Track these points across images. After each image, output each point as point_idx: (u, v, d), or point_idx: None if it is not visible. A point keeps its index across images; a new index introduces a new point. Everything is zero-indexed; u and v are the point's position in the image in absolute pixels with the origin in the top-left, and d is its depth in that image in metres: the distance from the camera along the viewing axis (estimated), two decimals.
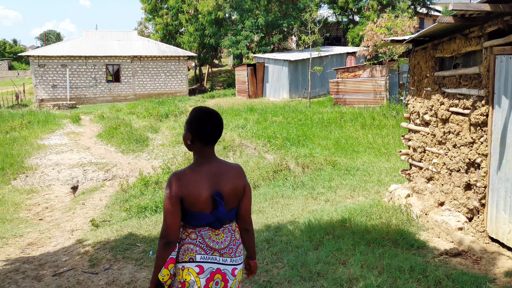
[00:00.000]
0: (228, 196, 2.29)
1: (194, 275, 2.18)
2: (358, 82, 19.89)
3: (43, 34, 76.78)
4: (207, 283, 2.19)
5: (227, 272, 2.25)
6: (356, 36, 29.32)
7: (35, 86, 28.59)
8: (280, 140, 12.88)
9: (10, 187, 9.82)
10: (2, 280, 4.53)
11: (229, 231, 2.31)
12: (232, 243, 2.31)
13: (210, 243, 2.24)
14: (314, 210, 6.47)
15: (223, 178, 2.29)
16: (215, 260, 2.22)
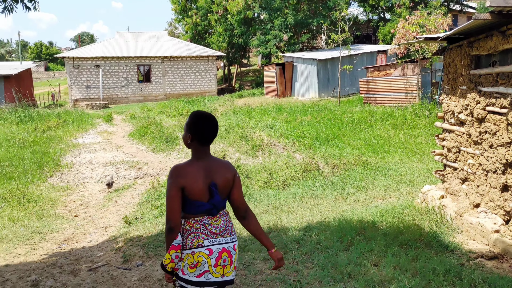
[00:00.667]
0: (221, 187, 2.66)
1: (206, 256, 2.55)
2: (389, 80, 19.54)
3: (78, 36, 79.05)
4: (217, 262, 2.58)
5: (231, 248, 2.64)
6: (387, 34, 28.81)
7: (70, 87, 29.46)
8: (309, 140, 12.82)
9: (47, 184, 10.15)
10: (40, 274, 4.69)
11: (224, 216, 2.69)
12: (228, 225, 2.68)
13: (212, 228, 2.60)
14: (344, 210, 6.40)
15: (216, 172, 2.65)
16: (219, 242, 2.60)
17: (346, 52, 22.77)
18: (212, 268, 2.55)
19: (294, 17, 29.21)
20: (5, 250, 5.60)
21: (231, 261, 2.63)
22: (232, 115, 18.95)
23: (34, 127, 17.11)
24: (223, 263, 2.59)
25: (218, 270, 2.58)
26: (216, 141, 14.45)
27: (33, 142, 14.11)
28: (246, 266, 4.54)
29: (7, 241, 5.95)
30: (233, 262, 2.65)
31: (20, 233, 6.38)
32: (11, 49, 72.63)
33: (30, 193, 8.86)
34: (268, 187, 8.56)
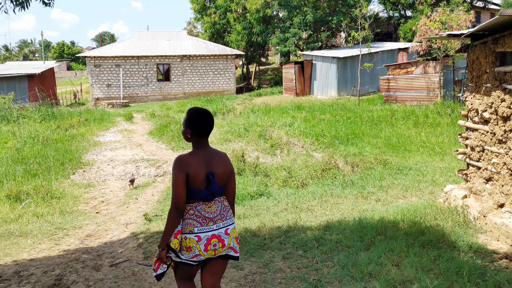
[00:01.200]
0: (219, 176, 2.93)
1: (194, 242, 2.83)
2: (410, 78, 19.27)
3: (99, 36, 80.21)
4: (206, 247, 2.84)
5: (221, 233, 2.88)
6: (408, 31, 28.41)
7: (91, 86, 29.95)
8: (328, 139, 12.74)
9: (69, 181, 10.34)
10: (64, 269, 4.78)
11: (219, 202, 2.95)
12: (223, 210, 2.94)
13: (205, 214, 2.86)
14: (364, 209, 6.34)
15: (214, 162, 2.93)
16: (209, 229, 2.85)
17: (366, 50, 22.54)
18: (202, 252, 2.84)
19: (314, 14, 29.04)
20: (30, 245, 5.73)
21: (222, 245, 2.88)
22: (251, 113, 18.97)
23: (57, 125, 17.46)
24: (213, 247, 2.85)
25: (209, 253, 2.87)
26: (235, 140, 14.49)
27: (56, 140, 14.40)
28: (266, 264, 4.54)
29: (32, 236, 6.09)
30: (225, 245, 2.89)
31: (44, 228, 6.52)
32: (35, 49, 74.18)
33: (53, 189, 9.04)
34: (287, 186, 8.54)
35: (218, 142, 14.55)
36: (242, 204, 7.28)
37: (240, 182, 8.76)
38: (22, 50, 70.78)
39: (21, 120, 18.64)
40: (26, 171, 10.53)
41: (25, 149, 12.86)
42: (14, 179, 9.86)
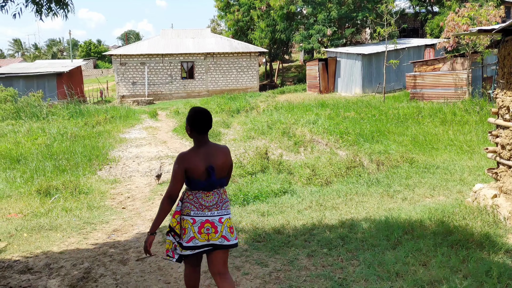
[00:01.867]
0: (218, 169, 3.22)
1: (190, 224, 3.18)
2: (438, 75, 18.86)
3: (124, 34, 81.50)
4: (199, 230, 3.17)
5: (215, 220, 3.19)
6: (435, 27, 27.77)
7: (117, 83, 30.48)
8: (353, 136, 12.61)
9: (96, 177, 10.55)
10: (92, 262, 4.89)
11: (217, 194, 3.26)
12: (220, 201, 3.26)
13: (202, 202, 3.20)
14: (390, 208, 6.25)
15: (214, 156, 3.23)
16: (204, 215, 3.18)
17: (392, 46, 22.17)
18: (196, 234, 3.17)
19: (338, 11, 28.74)
20: (59, 238, 5.88)
21: (215, 230, 3.18)
22: (274, 111, 18.94)
23: (84, 122, 17.85)
24: (206, 231, 3.17)
25: (202, 236, 3.18)
26: (258, 137, 14.51)
27: (83, 137, 14.72)
28: (290, 262, 4.54)
29: (61, 230, 6.24)
30: (218, 232, 3.19)
31: (72, 223, 6.68)
32: (63, 48, 75.98)
33: (81, 185, 9.24)
34: (311, 184, 8.49)
35: (241, 139, 14.59)
36: (266, 201, 7.28)
37: (264, 179, 8.76)
38: (51, 49, 72.58)
39: (50, 117, 19.14)
40: (55, 167, 10.81)
41: (54, 145, 13.20)
42: (44, 175, 10.13)
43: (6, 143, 13.40)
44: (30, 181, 9.61)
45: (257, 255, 4.78)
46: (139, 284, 4.27)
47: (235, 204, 7.32)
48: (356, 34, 33.80)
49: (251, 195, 7.55)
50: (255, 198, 7.46)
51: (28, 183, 9.49)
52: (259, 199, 7.40)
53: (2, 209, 7.69)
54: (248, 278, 4.22)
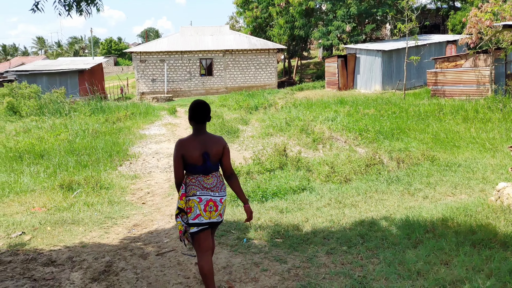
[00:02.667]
0: (213, 155, 3.61)
1: (196, 203, 3.57)
2: (459, 72, 18.50)
3: (144, 32, 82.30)
4: (205, 207, 3.57)
5: (217, 200, 3.62)
6: (457, 23, 27.28)
7: (137, 80, 30.82)
8: (372, 133, 12.47)
9: (117, 172, 10.69)
10: (113, 256, 4.96)
11: (215, 177, 3.67)
12: (218, 183, 3.66)
13: (204, 184, 3.60)
14: (411, 206, 6.17)
15: (209, 144, 3.61)
16: (208, 194, 3.59)
17: (413, 42, 21.84)
18: (202, 212, 3.56)
19: (358, 7, 28.44)
20: (81, 232, 5.98)
21: (216, 209, 3.61)
22: (293, 108, 18.88)
23: (105, 118, 18.11)
24: (209, 209, 3.59)
25: (206, 214, 3.58)
26: (276, 134, 14.48)
27: (104, 133, 14.93)
28: (309, 259, 4.52)
29: (83, 224, 6.35)
30: (218, 210, 3.63)
31: (94, 217, 6.79)
32: (84, 45, 77.19)
33: (102, 180, 9.38)
34: (330, 181, 8.44)
35: (260, 136, 14.59)
36: (284, 198, 7.27)
37: (282, 176, 8.74)
38: (73, 47, 73.84)
39: (72, 113, 19.48)
40: (77, 162, 11.00)
41: (76, 141, 13.43)
42: (66, 170, 10.32)
43: (30, 139, 13.69)
44: (53, 176, 9.80)
45: (276, 252, 4.78)
46: (159, 279, 4.32)
47: (253, 200, 7.33)
48: (376, 30, 33.40)
49: (270, 192, 7.55)
50: (273, 195, 7.45)
51: (51, 177, 9.68)
52: (278, 196, 7.40)
53: (27, 203, 7.86)
54: (267, 275, 4.22)
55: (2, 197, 8.11)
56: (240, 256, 4.74)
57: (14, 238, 5.60)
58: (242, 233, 5.47)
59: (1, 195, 8.24)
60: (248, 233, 5.42)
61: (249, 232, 5.44)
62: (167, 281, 4.25)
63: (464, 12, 25.46)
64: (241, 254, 4.78)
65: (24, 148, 12.25)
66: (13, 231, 5.90)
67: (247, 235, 5.36)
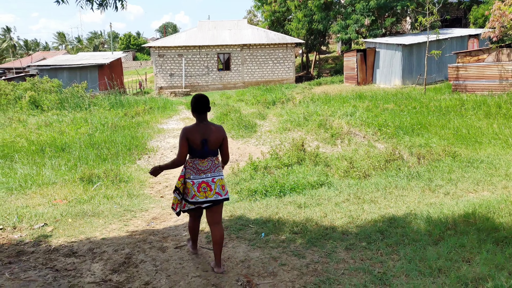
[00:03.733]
0: (211, 142, 4.14)
1: (190, 185, 4.15)
2: (482, 67, 18.09)
3: (162, 26, 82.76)
4: (198, 189, 4.12)
5: (209, 181, 4.14)
6: (479, 16, 26.67)
7: (155, 75, 31.05)
8: (392, 129, 12.32)
9: (135, 166, 10.81)
10: (133, 248, 5.02)
11: (210, 160, 4.19)
12: (212, 166, 4.19)
13: (199, 167, 4.15)
14: (432, 203, 6.07)
15: (208, 132, 4.14)
16: (200, 178, 4.14)
17: (434, 36, 21.43)
18: (196, 193, 4.12)
19: (377, 0, 28.03)
20: (101, 224, 6.07)
21: (210, 188, 4.13)
22: (310, 102, 18.77)
23: (124, 112, 18.31)
24: (203, 190, 4.12)
25: (201, 194, 4.12)
26: (294, 129, 14.42)
27: (123, 127, 15.10)
28: (328, 254, 4.49)
29: (103, 217, 6.44)
30: (213, 189, 4.14)
31: (114, 210, 6.88)
32: (104, 40, 78.08)
33: (121, 173, 9.49)
34: (349, 176, 8.37)
35: (277, 131, 14.56)
36: (302, 193, 7.24)
37: (300, 171, 8.71)
38: (92, 42, 74.77)
39: (92, 107, 19.75)
40: (97, 156, 11.15)
41: (96, 135, 13.62)
42: (86, 163, 10.48)
43: (52, 132, 13.94)
44: (74, 169, 9.96)
45: (294, 247, 4.76)
46: (178, 271, 4.35)
47: (271, 195, 7.32)
48: (396, 24, 32.89)
49: (288, 187, 7.52)
50: (291, 189, 7.43)
51: (72, 170, 9.84)
52: (296, 191, 7.37)
53: (48, 195, 8.01)
54: (285, 269, 4.21)
55: (25, 189, 8.28)
56: (258, 250, 4.74)
57: (36, 229, 5.71)
58: (260, 227, 5.47)
59: (24, 187, 8.41)
60: (266, 228, 5.42)
61: (267, 227, 5.43)
62: (185, 274, 4.27)
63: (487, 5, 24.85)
64: (259, 249, 4.78)
65: (46, 141, 12.48)
66: (35, 222, 6.02)
67: (265, 229, 5.35)
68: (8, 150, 11.50)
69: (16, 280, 4.09)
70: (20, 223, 5.95)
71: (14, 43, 65.63)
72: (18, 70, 40.95)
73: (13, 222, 5.92)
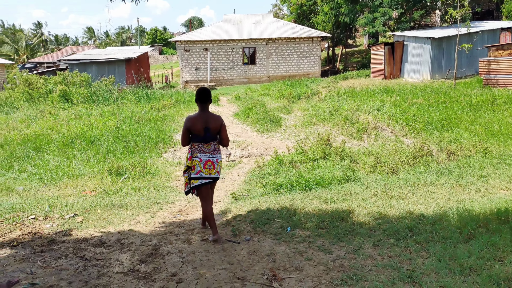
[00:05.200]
0: (212, 129, 4.88)
1: (198, 162, 4.88)
2: None
3: (188, 21, 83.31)
4: (204, 166, 4.86)
5: (213, 160, 4.92)
6: None
7: (181, 69, 31.29)
8: (420, 124, 12.07)
9: (162, 159, 10.95)
10: (159, 240, 5.08)
11: (213, 144, 4.96)
12: (215, 149, 4.97)
13: (204, 149, 4.90)
14: (462, 200, 5.92)
15: (209, 121, 4.87)
16: (207, 156, 4.89)
17: (465, 29, 20.81)
18: (202, 169, 4.87)
19: None
20: (129, 216, 6.17)
21: (214, 167, 4.92)
22: (336, 97, 18.56)
23: (151, 106, 18.54)
24: (208, 167, 4.88)
25: (206, 170, 4.88)
26: (320, 123, 14.31)
27: (150, 120, 15.31)
28: (355, 250, 4.44)
29: (131, 208, 6.55)
30: (215, 168, 4.94)
31: (141, 202, 6.99)
32: (131, 35, 79.22)
33: (148, 166, 9.64)
34: (376, 172, 8.24)
35: (302, 125, 14.47)
36: (328, 188, 7.17)
37: (326, 166, 8.63)
38: (120, 36, 75.96)
39: (119, 101, 20.08)
40: (124, 148, 11.35)
41: (124, 128, 13.85)
42: (114, 155, 10.68)
43: (81, 125, 14.26)
44: (102, 161, 10.17)
45: (320, 242, 4.73)
46: (204, 263, 4.38)
47: (296, 189, 7.29)
48: (425, 17, 32.10)
49: (313, 182, 7.47)
50: (317, 184, 7.37)
51: (100, 162, 10.05)
52: (321, 185, 7.31)
53: (78, 186, 8.21)
54: (311, 264, 4.19)
55: (56, 180, 8.51)
56: (284, 244, 4.73)
57: (67, 220, 5.85)
58: (286, 221, 5.45)
59: (55, 178, 8.64)
60: (291, 222, 5.40)
61: (293, 221, 5.41)
62: (211, 266, 4.30)
63: None
64: (284, 243, 4.77)
65: (76, 133, 12.78)
66: (66, 212, 6.17)
67: (291, 224, 5.33)
68: (40, 142, 11.83)
69: (48, 268, 4.21)
70: (52, 213, 6.12)
71: (45, 38, 67.29)
72: (49, 64, 42.02)
73: (45, 212, 6.09)
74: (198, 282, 3.93)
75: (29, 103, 20.18)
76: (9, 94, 22.08)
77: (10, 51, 55.40)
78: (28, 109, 18.42)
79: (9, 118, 16.50)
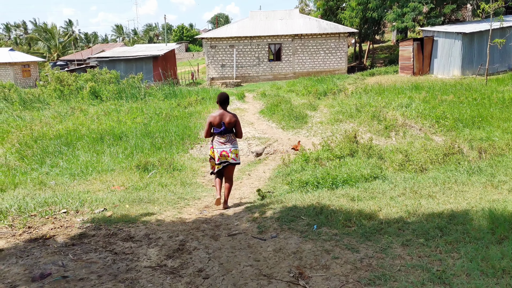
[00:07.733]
0: (227, 123, 6.45)
1: (216, 152, 6.57)
2: None
3: (214, 18, 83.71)
4: (220, 155, 6.51)
5: (226, 150, 6.53)
6: None
7: (207, 66, 31.50)
8: (450, 121, 11.77)
9: (188, 155, 11.07)
10: (186, 235, 5.14)
11: (228, 136, 6.54)
12: (229, 140, 6.56)
13: (220, 140, 6.54)
14: (495, 199, 5.73)
15: (226, 117, 6.46)
16: (222, 147, 6.53)
17: (498, 24, 20.15)
18: (218, 156, 6.53)
19: None
20: (156, 211, 6.27)
21: (227, 155, 6.53)
22: (363, 93, 18.31)
23: (177, 103, 18.75)
24: (223, 156, 6.51)
25: (221, 157, 6.51)
26: (346, 120, 14.15)
27: (176, 117, 15.48)
28: (383, 249, 4.37)
29: (158, 204, 6.65)
30: (229, 156, 6.53)
31: (168, 197, 7.08)
32: (158, 32, 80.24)
33: (175, 162, 9.76)
34: (404, 170, 8.09)
35: (329, 122, 14.34)
36: (355, 186, 7.09)
37: (353, 163, 8.53)
38: (147, 34, 77.06)
39: (147, 98, 20.39)
40: (152, 144, 11.52)
41: (151, 124, 14.06)
42: (142, 151, 10.86)
43: (110, 121, 14.55)
44: (130, 157, 10.35)
45: (347, 240, 4.67)
46: (230, 260, 4.40)
47: (323, 187, 7.23)
48: (456, 11, 31.23)
49: (340, 179, 7.39)
50: (344, 182, 7.29)
51: (128, 158, 10.24)
52: (348, 183, 7.23)
53: (107, 181, 8.38)
54: (338, 263, 4.14)
55: (86, 175, 8.71)
56: (310, 242, 4.69)
57: (97, 214, 5.98)
58: (312, 219, 5.41)
59: (85, 174, 8.85)
60: (318, 220, 5.36)
61: (320, 219, 5.37)
62: (237, 263, 4.32)
63: None
64: (311, 241, 4.73)
65: (105, 130, 13.05)
66: (96, 207, 6.31)
67: (317, 221, 5.29)
68: (71, 138, 12.14)
69: (78, 261, 4.31)
70: (82, 207, 6.26)
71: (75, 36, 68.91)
72: (79, 62, 43.04)
73: (76, 206, 6.24)
74: (225, 278, 3.95)
75: (60, 100, 20.73)
76: (42, 91, 22.76)
77: (43, 49, 57.05)
78: (60, 106, 18.93)
79: (42, 115, 17.00)
